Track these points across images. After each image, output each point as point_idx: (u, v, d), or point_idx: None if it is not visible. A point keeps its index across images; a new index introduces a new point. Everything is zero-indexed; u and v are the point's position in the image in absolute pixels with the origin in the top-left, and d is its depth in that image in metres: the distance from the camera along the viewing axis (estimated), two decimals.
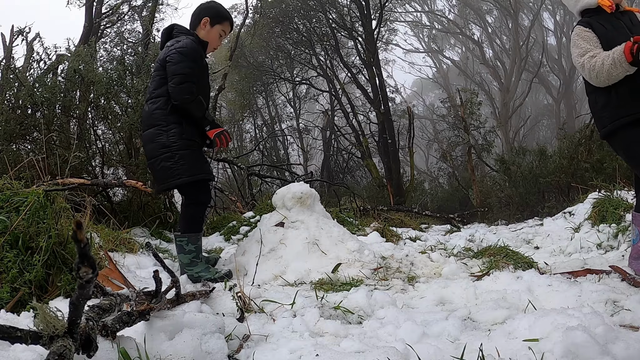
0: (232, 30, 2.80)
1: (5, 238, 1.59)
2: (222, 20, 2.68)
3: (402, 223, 5.56)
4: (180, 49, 2.45)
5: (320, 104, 17.68)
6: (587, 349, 1.03)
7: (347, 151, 14.45)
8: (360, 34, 12.41)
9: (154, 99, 2.51)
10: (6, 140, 3.64)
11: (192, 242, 2.43)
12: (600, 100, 1.99)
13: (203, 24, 2.63)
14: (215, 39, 2.68)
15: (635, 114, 1.86)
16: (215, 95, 6.78)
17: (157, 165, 2.42)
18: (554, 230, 3.86)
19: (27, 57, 5.04)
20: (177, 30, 2.63)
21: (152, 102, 2.52)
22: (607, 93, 1.93)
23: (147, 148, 2.50)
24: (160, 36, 2.76)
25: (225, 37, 2.74)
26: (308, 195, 2.84)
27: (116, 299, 1.15)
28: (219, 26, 2.66)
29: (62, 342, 0.78)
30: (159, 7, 10.14)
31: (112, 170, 4.52)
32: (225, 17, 2.71)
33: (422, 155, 22.50)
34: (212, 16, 2.65)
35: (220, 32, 2.68)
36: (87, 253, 0.70)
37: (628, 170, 5.81)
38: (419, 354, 1.17)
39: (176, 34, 2.61)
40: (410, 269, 2.48)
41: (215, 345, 1.19)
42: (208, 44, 2.66)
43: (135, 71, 4.51)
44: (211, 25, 2.64)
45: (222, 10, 2.73)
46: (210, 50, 2.72)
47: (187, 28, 2.65)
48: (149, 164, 2.52)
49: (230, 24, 2.73)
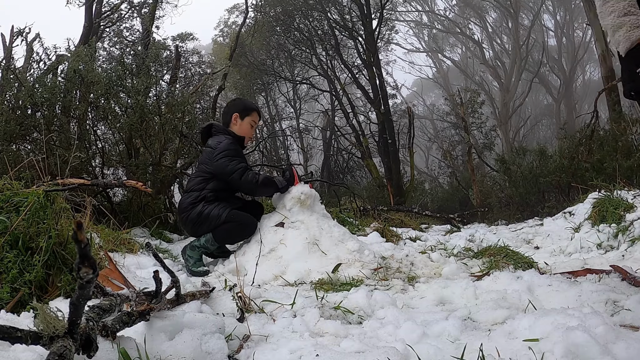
0: (260, 119, 3.12)
1: (5, 238, 1.59)
2: (250, 112, 3.02)
3: (402, 223, 5.57)
4: (223, 149, 2.81)
5: (321, 104, 17.68)
6: (587, 349, 1.03)
7: (347, 151, 14.45)
8: (360, 34, 12.40)
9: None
10: (6, 141, 3.63)
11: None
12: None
13: (234, 119, 2.99)
14: (248, 130, 3.01)
15: None
16: (215, 95, 6.77)
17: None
18: (554, 230, 3.86)
19: (27, 57, 5.04)
20: (215, 129, 2.97)
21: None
22: None
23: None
24: (200, 134, 3.13)
25: (255, 126, 3.07)
26: (308, 196, 2.84)
27: (116, 299, 1.15)
28: (248, 118, 3.00)
29: (63, 343, 0.78)
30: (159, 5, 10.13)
31: (112, 170, 4.52)
32: (252, 108, 3.06)
33: (422, 155, 22.50)
34: (240, 111, 3.00)
35: (251, 122, 3.01)
36: (88, 253, 0.70)
37: (628, 170, 5.81)
38: (419, 354, 1.17)
39: (215, 132, 2.95)
40: (410, 269, 2.48)
41: (216, 345, 1.19)
42: (244, 138, 3.00)
43: (135, 71, 4.51)
44: (241, 119, 2.98)
45: (247, 103, 3.15)
46: (247, 141, 3.06)
47: (223, 127, 2.99)
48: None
49: (257, 113, 3.07)
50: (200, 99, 5.73)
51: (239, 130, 2.96)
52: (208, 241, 2.74)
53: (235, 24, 15.34)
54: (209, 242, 2.74)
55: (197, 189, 2.80)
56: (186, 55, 9.86)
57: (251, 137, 3.08)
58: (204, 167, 2.86)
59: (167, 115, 4.31)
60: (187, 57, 9.88)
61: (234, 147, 2.82)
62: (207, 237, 2.74)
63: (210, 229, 2.72)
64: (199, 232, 2.76)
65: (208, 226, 2.72)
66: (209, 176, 2.81)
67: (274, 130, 17.14)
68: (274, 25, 13.64)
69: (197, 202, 2.76)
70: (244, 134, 2.97)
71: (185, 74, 8.68)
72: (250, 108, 3.04)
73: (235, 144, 2.87)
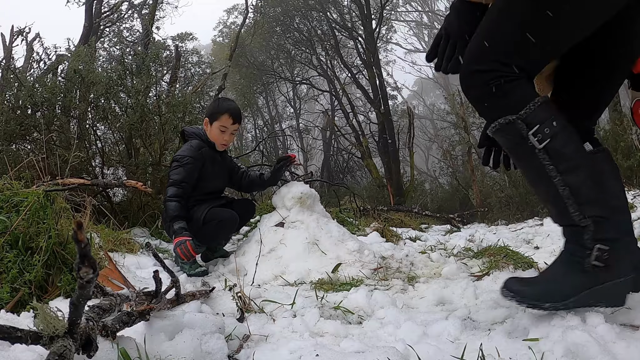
0: (235, 121, 2.75)
1: (5, 238, 1.59)
2: (218, 116, 2.72)
3: (402, 223, 5.56)
4: (175, 156, 2.70)
5: (321, 104, 17.70)
6: (587, 348, 1.03)
7: (347, 151, 14.45)
8: (360, 34, 12.40)
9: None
10: (6, 141, 3.64)
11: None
12: None
13: (205, 124, 2.79)
14: (217, 136, 2.74)
15: None
16: (215, 95, 6.78)
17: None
18: (554, 230, 3.85)
19: (27, 57, 5.04)
20: (187, 134, 2.84)
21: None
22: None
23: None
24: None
25: (229, 130, 2.76)
26: (308, 196, 2.84)
27: (116, 299, 1.15)
28: (216, 123, 2.72)
29: (63, 343, 0.78)
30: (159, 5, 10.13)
31: (112, 170, 4.52)
32: (220, 111, 2.72)
33: (422, 155, 22.50)
34: (209, 115, 2.77)
35: (220, 127, 2.72)
36: (88, 253, 0.70)
37: (628, 170, 5.82)
38: (419, 354, 1.17)
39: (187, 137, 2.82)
40: (410, 269, 2.48)
41: (215, 345, 1.19)
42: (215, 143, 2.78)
43: (135, 71, 4.51)
44: (210, 124, 2.75)
45: (217, 105, 2.80)
46: (220, 147, 2.80)
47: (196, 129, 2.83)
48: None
49: (230, 115, 2.71)
50: (200, 99, 5.73)
51: (210, 136, 2.77)
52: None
53: (235, 24, 15.35)
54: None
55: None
56: (186, 56, 9.87)
57: (224, 143, 2.79)
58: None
59: (167, 115, 4.31)
60: (186, 57, 9.89)
61: (189, 154, 2.65)
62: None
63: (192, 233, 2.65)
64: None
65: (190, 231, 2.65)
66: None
67: (273, 130, 17.14)
68: (274, 25, 13.64)
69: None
70: (213, 139, 2.76)
71: (185, 74, 8.69)
72: (218, 111, 2.73)
73: (197, 150, 2.68)
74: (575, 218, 1.18)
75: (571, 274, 1.20)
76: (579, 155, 1.18)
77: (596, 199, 1.17)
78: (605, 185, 1.20)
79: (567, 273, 1.20)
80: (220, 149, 2.84)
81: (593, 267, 1.17)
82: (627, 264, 1.18)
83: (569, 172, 1.17)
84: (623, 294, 1.19)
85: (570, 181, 1.16)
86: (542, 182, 1.23)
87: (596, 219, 1.16)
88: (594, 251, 1.16)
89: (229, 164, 3.01)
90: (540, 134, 1.17)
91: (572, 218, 1.19)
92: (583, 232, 1.18)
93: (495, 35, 1.21)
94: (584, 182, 1.17)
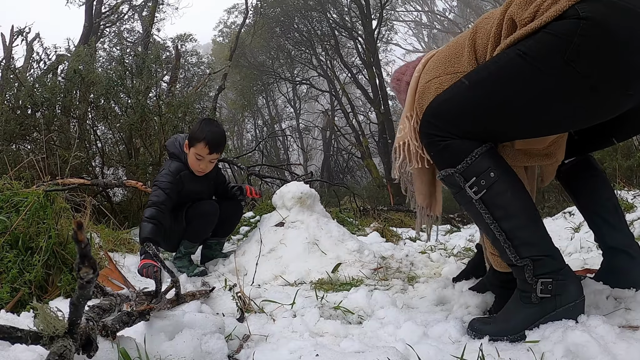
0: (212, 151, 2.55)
1: (5, 238, 1.59)
2: (195, 143, 2.53)
3: (402, 223, 5.57)
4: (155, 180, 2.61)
5: (321, 104, 17.70)
6: (587, 348, 1.03)
7: (347, 151, 14.46)
8: (360, 34, 12.41)
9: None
10: (6, 141, 3.64)
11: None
12: None
13: (185, 147, 2.60)
14: (193, 162, 2.57)
15: None
16: (215, 95, 6.78)
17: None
18: (553, 230, 3.85)
19: (27, 57, 5.05)
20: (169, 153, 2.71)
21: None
22: None
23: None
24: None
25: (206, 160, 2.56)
26: (308, 195, 2.84)
27: (116, 299, 1.15)
28: (192, 149, 2.54)
29: (63, 343, 0.78)
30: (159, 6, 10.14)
31: (112, 170, 4.52)
32: (197, 138, 2.51)
33: None
34: (189, 138, 2.58)
35: (196, 155, 2.53)
36: (88, 253, 0.70)
37: (628, 170, 5.82)
38: (419, 354, 1.17)
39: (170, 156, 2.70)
40: (410, 269, 2.48)
41: (215, 345, 1.19)
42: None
43: (135, 71, 4.52)
44: (188, 149, 2.57)
45: (196, 130, 2.56)
46: (198, 174, 2.63)
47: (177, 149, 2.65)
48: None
49: (205, 144, 2.50)
50: (200, 99, 5.73)
51: (188, 160, 2.61)
52: (187, 247, 2.70)
53: (235, 24, 15.35)
54: (187, 248, 2.71)
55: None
56: (186, 56, 9.88)
57: (200, 171, 2.61)
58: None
59: (167, 115, 4.31)
60: (186, 58, 9.90)
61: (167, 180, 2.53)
62: (184, 244, 2.70)
63: (180, 236, 2.67)
64: (174, 244, 2.73)
65: (178, 235, 2.67)
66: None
67: (273, 130, 17.13)
68: (274, 25, 13.64)
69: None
70: (190, 165, 2.60)
71: (185, 74, 8.70)
72: (196, 137, 2.52)
73: (175, 175, 2.56)
74: (513, 259, 1.27)
75: (522, 308, 1.28)
76: (516, 202, 1.27)
77: (532, 241, 1.26)
78: (541, 226, 1.29)
79: (518, 308, 1.29)
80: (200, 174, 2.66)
81: (541, 300, 1.25)
82: (575, 289, 1.25)
83: (504, 220, 1.26)
84: (575, 317, 1.24)
85: (505, 227, 1.26)
86: (483, 228, 1.35)
87: (533, 258, 1.25)
88: (538, 285, 1.24)
89: (214, 178, 2.86)
90: (477, 185, 1.27)
91: (510, 259, 1.28)
92: (524, 270, 1.26)
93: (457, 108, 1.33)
94: (518, 227, 1.26)
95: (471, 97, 1.29)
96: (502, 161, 1.31)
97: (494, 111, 1.26)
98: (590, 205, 1.64)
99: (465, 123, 1.29)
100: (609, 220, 1.58)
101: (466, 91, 1.30)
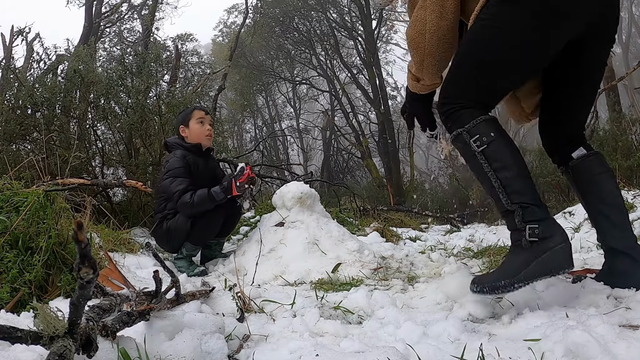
0: (207, 112, 2.94)
1: (5, 238, 1.59)
2: (190, 116, 2.88)
3: (402, 223, 5.56)
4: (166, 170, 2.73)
5: (320, 104, 17.68)
6: (587, 348, 1.03)
7: (347, 151, 14.45)
8: (360, 34, 12.41)
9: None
10: (6, 141, 3.64)
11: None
12: None
13: (182, 132, 2.89)
14: (198, 131, 2.86)
15: None
16: (215, 95, 6.78)
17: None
18: None
19: (27, 57, 5.05)
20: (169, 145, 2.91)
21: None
22: None
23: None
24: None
25: (206, 121, 2.90)
26: (308, 195, 2.84)
27: (116, 299, 1.15)
28: (192, 121, 2.87)
29: (63, 343, 0.78)
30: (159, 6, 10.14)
31: (112, 170, 4.52)
32: (188, 112, 2.91)
33: (422, 155, 22.49)
34: (181, 122, 2.90)
35: (196, 122, 2.86)
36: (88, 253, 0.70)
37: (628, 170, 5.81)
38: (419, 354, 1.17)
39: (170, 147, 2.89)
40: (410, 269, 2.48)
41: (215, 345, 1.19)
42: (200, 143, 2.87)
43: (135, 71, 4.52)
44: (188, 127, 2.88)
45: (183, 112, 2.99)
46: (206, 141, 2.90)
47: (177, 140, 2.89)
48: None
49: (198, 109, 2.91)
50: (200, 99, 5.73)
51: (192, 138, 2.85)
52: (189, 250, 2.71)
53: (235, 24, 15.35)
54: (190, 250, 2.72)
55: (159, 210, 2.76)
56: (186, 56, 9.88)
57: (208, 135, 2.88)
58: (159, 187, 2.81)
59: (167, 115, 4.31)
60: (186, 58, 9.89)
61: (179, 165, 2.69)
62: (186, 247, 2.71)
63: (183, 238, 2.68)
64: (175, 246, 2.74)
65: (179, 236, 2.67)
66: (166, 195, 2.71)
67: (273, 130, 17.12)
68: (274, 25, 13.64)
69: (161, 223, 2.72)
70: (197, 138, 2.85)
71: (185, 74, 8.69)
72: (187, 112, 2.90)
73: (183, 159, 2.72)
74: (505, 204, 1.48)
75: (516, 254, 1.46)
76: (511, 158, 1.51)
77: (522, 191, 1.47)
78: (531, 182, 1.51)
79: (513, 255, 1.48)
80: (207, 144, 2.90)
81: (531, 243, 1.42)
82: (560, 234, 1.42)
83: (500, 170, 1.49)
84: (567, 256, 1.40)
85: (501, 176, 1.49)
86: (482, 178, 1.56)
87: (522, 205, 1.45)
88: (527, 230, 1.42)
89: (214, 168, 3.00)
90: (479, 141, 1.53)
91: (503, 205, 1.49)
92: (514, 216, 1.46)
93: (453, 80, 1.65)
94: (512, 178, 1.48)
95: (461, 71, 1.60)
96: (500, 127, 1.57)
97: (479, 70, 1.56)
98: (596, 203, 1.70)
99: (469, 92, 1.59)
100: (613, 220, 1.60)
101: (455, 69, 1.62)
